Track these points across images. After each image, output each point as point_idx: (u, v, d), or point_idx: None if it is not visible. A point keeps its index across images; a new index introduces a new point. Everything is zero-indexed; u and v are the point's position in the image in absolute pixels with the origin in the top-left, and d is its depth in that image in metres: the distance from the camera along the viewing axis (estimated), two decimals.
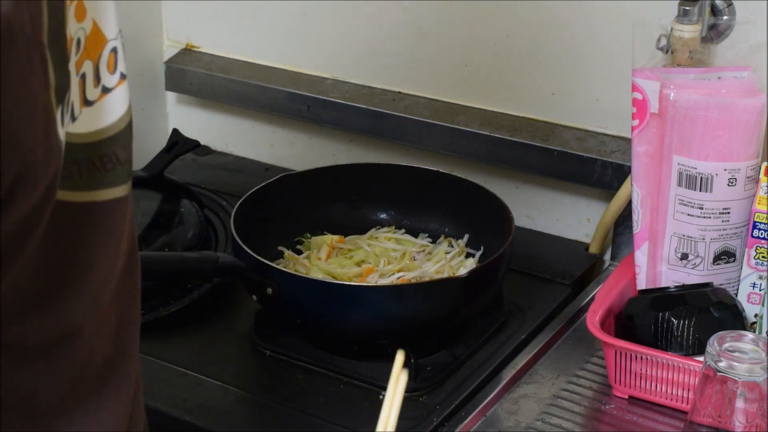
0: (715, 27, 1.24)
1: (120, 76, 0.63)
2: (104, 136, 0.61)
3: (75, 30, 0.58)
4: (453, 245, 1.36)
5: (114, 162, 0.62)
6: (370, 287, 1.22)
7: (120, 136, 0.62)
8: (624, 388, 1.11)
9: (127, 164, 0.63)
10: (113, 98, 0.62)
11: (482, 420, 1.10)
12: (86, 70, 0.60)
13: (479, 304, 1.22)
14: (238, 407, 1.15)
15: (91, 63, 0.61)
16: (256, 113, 1.68)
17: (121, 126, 0.63)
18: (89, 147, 0.61)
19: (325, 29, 1.59)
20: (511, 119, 1.46)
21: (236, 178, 1.63)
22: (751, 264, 1.12)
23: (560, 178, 1.43)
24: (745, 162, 1.11)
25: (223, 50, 1.69)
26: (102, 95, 0.62)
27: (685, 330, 1.08)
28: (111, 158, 0.62)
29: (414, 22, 1.50)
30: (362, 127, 1.55)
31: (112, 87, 0.62)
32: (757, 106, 1.10)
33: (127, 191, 0.63)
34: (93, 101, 0.61)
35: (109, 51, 0.62)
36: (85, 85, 0.60)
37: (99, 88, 0.61)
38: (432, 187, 1.40)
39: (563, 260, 1.40)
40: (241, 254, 1.21)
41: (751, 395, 0.90)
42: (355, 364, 1.18)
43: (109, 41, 0.62)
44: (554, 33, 1.41)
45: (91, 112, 0.61)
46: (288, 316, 1.23)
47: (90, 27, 0.60)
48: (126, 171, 0.63)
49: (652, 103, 1.13)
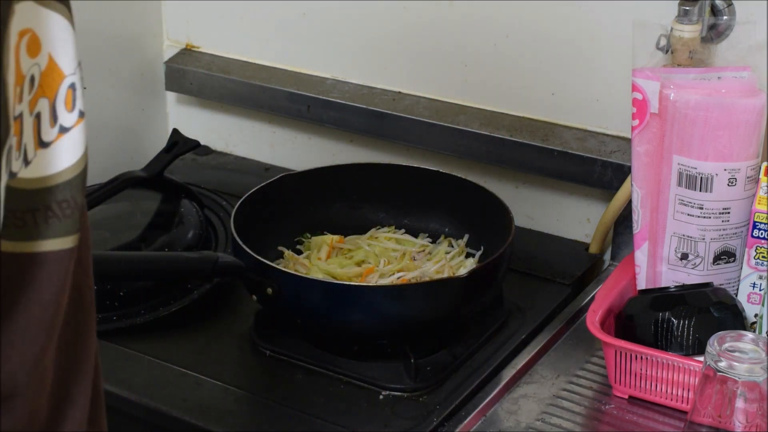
0: (715, 27, 1.24)
1: (78, 114, 0.58)
2: (62, 180, 0.57)
3: (28, 66, 0.54)
4: (453, 245, 1.36)
5: (72, 207, 0.58)
6: (370, 287, 1.22)
7: (78, 179, 0.58)
8: (624, 388, 1.11)
9: (83, 209, 0.59)
10: (71, 138, 0.58)
11: (482, 420, 1.10)
12: (41, 108, 0.56)
13: (479, 304, 1.22)
14: (238, 407, 1.15)
15: (47, 101, 0.56)
16: (256, 113, 1.68)
17: (79, 168, 0.58)
18: (46, 192, 0.56)
19: (325, 29, 1.59)
20: (511, 119, 1.46)
21: (236, 178, 1.63)
22: (751, 264, 1.12)
23: (560, 178, 1.43)
24: (745, 162, 1.11)
25: (223, 50, 1.69)
26: (59, 135, 0.57)
27: (685, 330, 1.08)
28: (70, 203, 0.58)
29: (414, 22, 1.50)
30: (362, 127, 1.55)
31: (70, 126, 0.58)
32: (757, 106, 1.10)
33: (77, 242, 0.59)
34: (49, 142, 0.56)
35: (66, 87, 0.57)
36: (40, 126, 0.56)
37: (56, 127, 0.57)
38: (432, 187, 1.40)
39: (563, 260, 1.40)
40: (241, 254, 1.21)
41: (751, 395, 0.90)
42: (355, 364, 1.18)
43: (66, 77, 0.57)
44: (554, 33, 1.41)
45: (47, 154, 0.56)
46: (288, 316, 1.23)
47: (45, 62, 0.56)
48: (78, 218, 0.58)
49: (652, 103, 1.13)
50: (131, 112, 1.70)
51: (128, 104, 1.69)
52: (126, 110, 1.69)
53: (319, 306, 1.17)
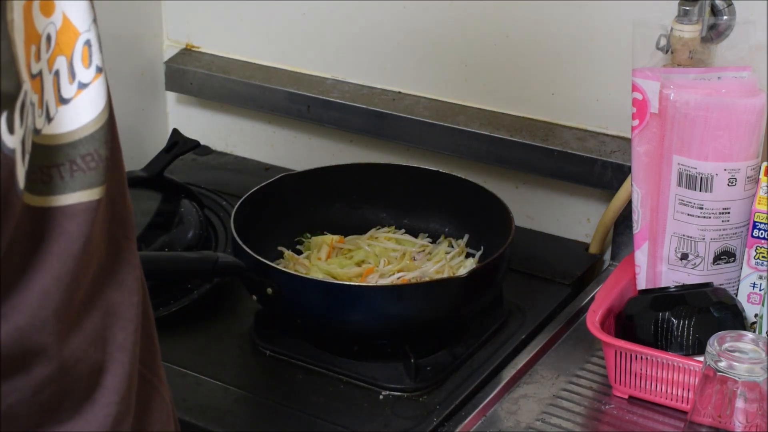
0: (715, 27, 1.24)
1: (96, 69, 0.60)
2: (84, 134, 0.59)
3: (43, 25, 0.56)
4: (453, 245, 1.36)
5: (96, 160, 0.60)
6: (370, 287, 1.22)
7: (100, 132, 0.60)
8: (624, 388, 1.11)
9: (107, 162, 0.61)
10: (90, 94, 0.60)
11: (482, 420, 1.10)
12: (59, 66, 0.58)
13: (479, 304, 1.22)
14: (238, 407, 1.15)
15: (65, 58, 0.58)
16: (256, 113, 1.68)
17: (101, 121, 0.60)
18: (69, 147, 0.59)
19: (325, 29, 1.59)
20: (511, 119, 1.46)
21: (236, 178, 1.63)
22: (751, 264, 1.12)
23: (560, 178, 1.43)
24: (745, 162, 1.11)
25: (223, 50, 1.69)
26: (78, 91, 0.59)
27: (685, 330, 1.08)
28: (93, 156, 0.60)
29: (414, 22, 1.51)
30: (362, 127, 1.55)
31: (88, 82, 0.60)
32: (757, 106, 1.10)
33: (103, 193, 0.61)
34: (69, 99, 0.59)
35: (82, 44, 0.59)
36: (59, 82, 0.58)
37: (75, 84, 0.59)
38: (432, 187, 1.40)
39: (563, 260, 1.40)
40: (241, 254, 1.21)
41: (751, 395, 0.90)
42: (355, 364, 1.18)
43: (81, 33, 0.59)
44: (554, 33, 1.41)
45: (68, 110, 0.59)
46: (288, 316, 1.23)
47: (60, 21, 0.58)
48: (103, 170, 0.60)
49: (652, 103, 1.13)
50: (131, 112, 1.70)
51: (128, 104, 1.69)
52: (126, 110, 1.69)
53: (319, 306, 1.17)
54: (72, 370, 0.61)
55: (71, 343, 0.61)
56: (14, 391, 0.58)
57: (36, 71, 0.56)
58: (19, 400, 0.58)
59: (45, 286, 0.58)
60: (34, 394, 0.59)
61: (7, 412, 0.58)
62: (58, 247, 0.58)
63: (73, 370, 0.61)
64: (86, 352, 0.62)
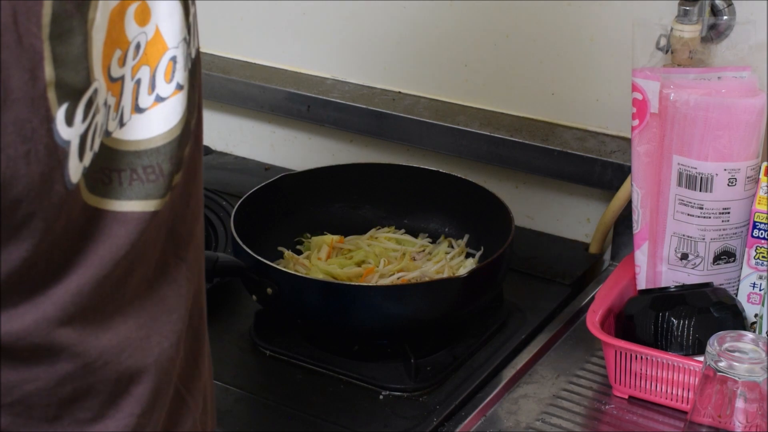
0: (715, 27, 1.24)
1: (176, 86, 0.62)
2: (150, 146, 0.60)
3: (135, 33, 0.57)
4: (453, 245, 1.36)
5: (157, 173, 0.60)
6: (370, 287, 1.22)
7: (167, 147, 0.61)
8: (624, 388, 1.11)
9: (171, 176, 0.62)
10: (166, 108, 0.61)
11: (482, 420, 1.10)
12: (142, 75, 0.59)
13: (479, 304, 1.22)
14: (238, 407, 1.15)
15: (149, 69, 0.60)
16: (256, 113, 1.68)
17: (170, 137, 0.61)
18: (134, 155, 0.59)
19: (325, 29, 1.59)
20: (511, 119, 1.46)
21: (236, 178, 1.63)
22: (751, 264, 1.12)
23: (560, 178, 1.43)
24: (745, 162, 1.11)
25: (223, 50, 1.69)
26: (155, 104, 0.60)
27: (685, 330, 1.08)
28: (155, 169, 0.60)
29: (414, 22, 1.51)
30: (362, 127, 1.55)
31: (166, 97, 0.61)
32: (757, 106, 1.10)
33: (160, 207, 0.61)
34: (144, 108, 0.60)
35: (168, 59, 0.61)
36: (139, 91, 0.59)
37: (153, 96, 0.60)
38: (432, 187, 1.40)
39: (563, 260, 1.40)
40: (241, 254, 1.21)
41: (751, 395, 0.90)
42: (355, 364, 1.18)
43: (169, 49, 0.61)
44: (554, 33, 1.41)
45: (140, 119, 0.60)
46: (288, 316, 1.23)
47: (152, 32, 0.59)
48: (164, 185, 0.61)
49: (652, 103, 1.13)
50: None
51: None
52: None
53: (319, 306, 1.17)
54: (99, 371, 0.61)
55: (100, 345, 0.61)
56: (35, 379, 0.59)
57: (117, 75, 0.57)
58: (38, 389, 0.59)
59: (81, 283, 0.58)
60: (55, 387, 0.60)
61: (23, 399, 0.59)
62: (103, 248, 0.59)
63: (100, 371, 0.61)
64: (117, 357, 0.62)
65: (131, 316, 0.63)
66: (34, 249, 0.54)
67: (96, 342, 0.61)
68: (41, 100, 0.51)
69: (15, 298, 0.56)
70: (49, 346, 0.58)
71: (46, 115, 0.52)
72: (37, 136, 0.51)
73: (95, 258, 0.59)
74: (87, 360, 0.60)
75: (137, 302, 0.63)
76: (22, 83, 0.50)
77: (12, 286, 0.55)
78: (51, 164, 0.53)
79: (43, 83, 0.51)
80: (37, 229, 0.54)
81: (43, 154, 0.52)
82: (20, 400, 0.59)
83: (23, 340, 0.57)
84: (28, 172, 0.52)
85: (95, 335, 0.60)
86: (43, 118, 0.51)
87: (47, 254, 0.56)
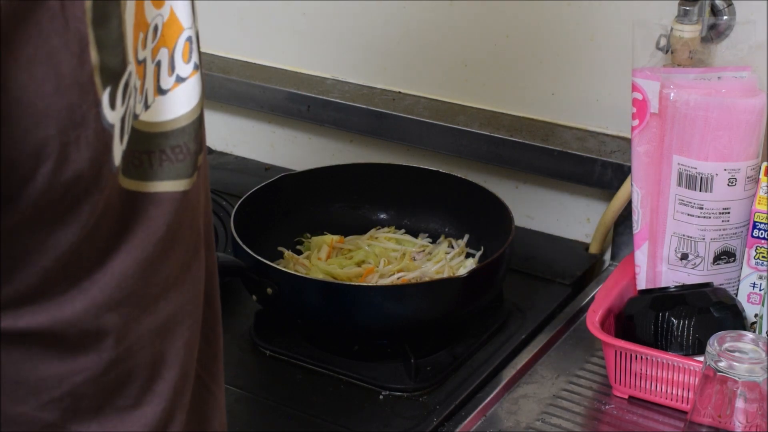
0: (715, 27, 1.24)
1: (194, 66, 0.63)
2: (176, 126, 0.61)
3: (153, 16, 0.58)
4: (453, 245, 1.36)
5: (185, 153, 0.61)
6: (370, 287, 1.22)
7: (191, 127, 0.62)
8: (624, 388, 1.11)
9: (196, 156, 0.63)
10: (186, 88, 0.62)
11: (482, 420, 1.10)
12: (162, 57, 0.60)
13: (479, 304, 1.22)
14: (238, 407, 1.15)
15: (167, 51, 0.60)
16: (256, 113, 1.68)
17: (192, 117, 0.62)
18: (161, 136, 0.60)
19: (325, 29, 1.59)
20: (511, 119, 1.46)
21: (236, 178, 1.63)
22: (751, 264, 1.12)
23: (560, 178, 1.43)
24: (745, 162, 1.11)
25: (223, 50, 1.69)
26: (175, 85, 0.61)
27: (685, 330, 1.08)
28: (182, 149, 0.61)
29: (414, 22, 1.51)
30: (362, 127, 1.55)
31: (185, 77, 0.62)
32: (757, 106, 1.10)
33: (190, 186, 0.62)
34: (167, 90, 0.61)
35: (184, 40, 0.62)
36: (159, 73, 0.60)
37: (173, 77, 0.61)
38: (432, 187, 1.40)
39: (563, 260, 1.40)
40: (241, 254, 1.21)
41: (751, 395, 0.90)
42: (355, 364, 1.18)
43: (185, 29, 0.62)
44: (554, 33, 1.41)
45: (164, 101, 0.60)
46: (288, 316, 1.23)
47: (168, 14, 0.60)
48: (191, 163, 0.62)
49: (652, 103, 1.13)
50: None
51: None
52: None
53: (319, 306, 1.17)
54: (137, 355, 0.62)
55: (141, 328, 0.62)
56: (85, 369, 0.59)
57: (141, 58, 0.58)
58: (88, 378, 0.59)
59: (125, 267, 0.59)
60: (101, 375, 0.60)
61: (74, 391, 0.59)
62: (141, 231, 0.59)
63: (138, 355, 0.62)
64: (152, 340, 0.63)
65: (171, 299, 0.63)
66: (81, 234, 0.55)
67: (137, 326, 0.61)
68: (89, 84, 0.52)
69: (63, 285, 0.56)
70: (96, 333, 0.59)
71: (95, 100, 0.52)
72: (87, 121, 0.52)
73: (136, 241, 0.59)
74: (129, 344, 0.61)
75: (177, 284, 0.64)
76: (71, 68, 0.51)
77: (60, 272, 0.55)
78: (100, 148, 0.53)
79: (90, 67, 0.52)
80: (84, 213, 0.54)
81: (93, 138, 0.53)
82: (70, 392, 0.59)
83: (74, 327, 0.57)
84: (79, 157, 0.52)
85: (137, 319, 0.61)
86: (91, 102, 0.52)
87: (91, 239, 0.56)
